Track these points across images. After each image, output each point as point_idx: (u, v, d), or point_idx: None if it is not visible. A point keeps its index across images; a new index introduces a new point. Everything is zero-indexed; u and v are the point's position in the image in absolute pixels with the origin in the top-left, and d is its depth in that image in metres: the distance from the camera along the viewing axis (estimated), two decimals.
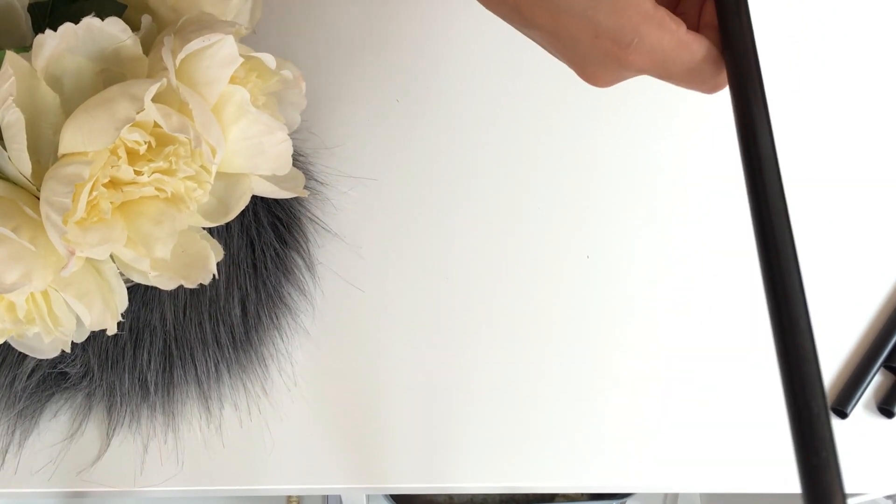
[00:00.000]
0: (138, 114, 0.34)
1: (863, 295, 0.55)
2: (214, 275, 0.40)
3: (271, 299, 0.51)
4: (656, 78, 0.35)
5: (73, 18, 0.36)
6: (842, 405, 0.51)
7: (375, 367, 0.52)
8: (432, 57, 0.38)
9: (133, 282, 0.41)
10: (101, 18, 0.36)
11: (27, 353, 0.41)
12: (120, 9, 0.41)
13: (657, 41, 0.33)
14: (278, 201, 0.52)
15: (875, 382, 0.52)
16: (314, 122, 0.57)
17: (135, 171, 0.36)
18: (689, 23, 0.35)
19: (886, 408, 0.51)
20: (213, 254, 0.41)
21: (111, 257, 0.40)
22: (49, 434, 0.49)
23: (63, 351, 0.41)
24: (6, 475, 0.48)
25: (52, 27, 0.35)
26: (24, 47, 0.37)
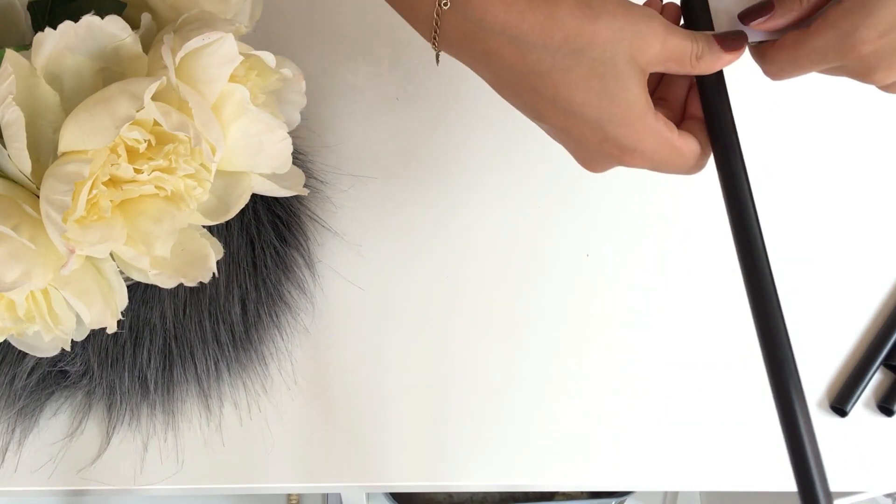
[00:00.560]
0: (138, 112, 0.34)
1: (862, 294, 0.55)
2: (214, 273, 0.40)
3: (271, 298, 0.51)
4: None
5: (72, 17, 0.36)
6: (842, 403, 0.51)
7: (375, 365, 0.52)
8: (432, 56, 0.38)
9: (133, 280, 0.41)
10: (101, 17, 0.36)
11: (27, 352, 0.41)
12: (119, 7, 0.40)
13: (655, 150, 0.37)
14: (278, 199, 0.52)
15: (875, 381, 0.52)
16: (314, 120, 0.57)
17: (135, 170, 0.36)
18: (673, 109, 0.39)
19: (886, 406, 0.51)
20: (212, 252, 0.41)
21: (111, 255, 0.39)
22: (49, 432, 0.49)
23: (63, 349, 0.41)
24: (6, 473, 0.48)
25: (52, 25, 0.35)
26: (24, 46, 0.37)
